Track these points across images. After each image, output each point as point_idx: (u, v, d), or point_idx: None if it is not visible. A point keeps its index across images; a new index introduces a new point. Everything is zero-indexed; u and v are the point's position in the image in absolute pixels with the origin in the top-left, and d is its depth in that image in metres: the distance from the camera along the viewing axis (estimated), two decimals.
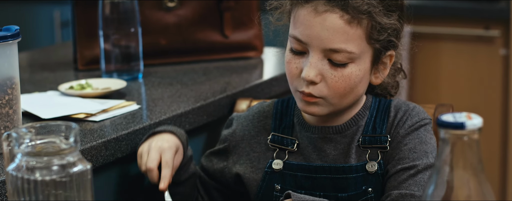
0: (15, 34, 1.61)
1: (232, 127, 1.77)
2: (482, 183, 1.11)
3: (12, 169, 1.20)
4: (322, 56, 1.55)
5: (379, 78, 1.63)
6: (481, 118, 1.12)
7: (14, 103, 1.64)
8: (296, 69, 1.58)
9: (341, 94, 1.57)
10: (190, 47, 2.38)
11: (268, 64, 2.43)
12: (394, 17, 1.57)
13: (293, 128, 1.70)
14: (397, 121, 1.64)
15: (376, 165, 1.62)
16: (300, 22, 1.56)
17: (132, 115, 1.88)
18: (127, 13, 2.18)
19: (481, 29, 3.41)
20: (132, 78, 2.20)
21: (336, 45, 1.53)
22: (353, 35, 1.54)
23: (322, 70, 1.55)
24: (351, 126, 1.65)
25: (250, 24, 2.41)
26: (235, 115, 1.80)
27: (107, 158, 1.73)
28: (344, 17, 1.53)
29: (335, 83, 1.56)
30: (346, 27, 1.53)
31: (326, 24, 1.53)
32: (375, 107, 1.67)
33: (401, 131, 1.62)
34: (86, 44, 2.30)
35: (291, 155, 1.68)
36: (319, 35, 1.54)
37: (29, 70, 2.36)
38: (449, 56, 3.46)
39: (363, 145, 1.64)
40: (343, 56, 1.54)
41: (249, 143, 1.73)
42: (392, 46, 1.59)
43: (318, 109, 1.59)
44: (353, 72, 1.56)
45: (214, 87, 2.11)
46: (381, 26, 1.55)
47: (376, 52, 1.58)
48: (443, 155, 1.11)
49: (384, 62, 1.62)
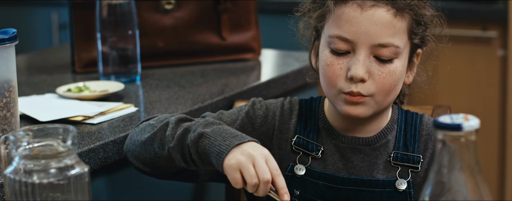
0: (13, 37, 1.61)
1: (262, 110, 1.66)
2: (479, 184, 1.11)
3: (9, 172, 1.20)
4: (369, 53, 1.54)
5: (409, 77, 1.63)
6: (478, 119, 1.12)
7: (12, 105, 1.64)
8: (340, 70, 1.55)
9: (387, 91, 1.55)
10: (187, 49, 2.38)
11: (266, 66, 2.43)
12: (430, 11, 1.59)
13: (318, 132, 1.65)
14: (432, 144, 1.62)
15: (405, 183, 1.60)
16: (344, 20, 1.54)
17: (130, 117, 1.88)
18: (124, 15, 2.18)
19: (478, 30, 3.41)
20: (130, 81, 2.20)
21: (385, 39, 1.53)
22: (399, 29, 1.54)
23: (370, 67, 1.54)
24: (381, 139, 1.63)
25: (247, 26, 2.41)
26: (259, 100, 1.69)
27: (104, 160, 1.73)
28: (391, 11, 1.53)
29: (382, 79, 1.54)
30: (394, 21, 1.53)
31: (374, 19, 1.52)
32: (403, 120, 1.65)
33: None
34: (84, 47, 2.30)
35: (314, 161, 1.64)
36: (367, 31, 1.52)
37: (26, 73, 2.36)
38: (447, 57, 3.46)
39: (395, 162, 1.62)
40: (390, 52, 1.53)
41: (276, 137, 1.66)
42: (425, 43, 1.61)
43: (364, 109, 1.56)
44: (398, 67, 1.55)
45: (212, 89, 2.11)
46: (424, 18, 1.57)
47: (413, 48, 1.59)
48: (440, 157, 1.12)
49: (413, 61, 1.62)
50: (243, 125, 1.66)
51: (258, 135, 1.65)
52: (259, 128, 1.67)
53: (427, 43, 1.62)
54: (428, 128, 1.64)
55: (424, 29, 1.59)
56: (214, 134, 1.51)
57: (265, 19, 2.79)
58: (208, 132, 1.52)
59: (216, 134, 1.51)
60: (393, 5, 1.53)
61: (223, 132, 1.52)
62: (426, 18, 1.58)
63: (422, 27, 1.58)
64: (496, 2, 3.45)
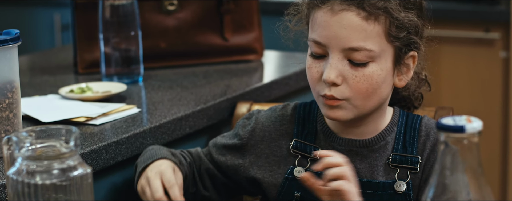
0: (15, 38, 1.61)
1: (251, 125, 1.72)
2: (482, 186, 1.11)
3: (12, 173, 1.21)
4: (342, 57, 1.53)
5: (402, 80, 1.60)
6: (481, 121, 1.12)
7: (15, 106, 1.64)
8: (317, 73, 1.56)
9: (364, 95, 1.55)
10: (190, 51, 2.38)
11: (269, 68, 2.43)
12: (412, 14, 1.56)
13: (316, 135, 1.66)
14: (430, 144, 1.62)
15: (404, 185, 1.60)
16: (318, 24, 1.55)
17: (133, 118, 1.88)
18: (127, 16, 2.18)
19: (481, 32, 3.41)
20: (132, 82, 2.20)
21: (355, 43, 1.52)
22: (372, 33, 1.53)
23: (342, 71, 1.53)
24: (379, 141, 1.62)
25: (250, 27, 2.41)
26: (255, 111, 1.75)
27: (107, 161, 1.73)
28: (361, 15, 1.52)
29: (356, 83, 1.54)
30: (364, 25, 1.52)
31: (343, 23, 1.52)
32: (403, 122, 1.65)
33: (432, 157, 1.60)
34: (86, 48, 2.30)
35: (313, 163, 1.63)
36: (337, 35, 1.53)
37: (29, 74, 2.37)
38: (449, 59, 3.46)
39: (394, 164, 1.61)
40: (363, 55, 1.53)
41: (269, 146, 1.69)
42: (413, 46, 1.58)
43: (342, 112, 1.56)
44: (375, 71, 1.54)
45: (214, 91, 2.11)
46: (399, 22, 1.54)
47: (397, 51, 1.56)
48: (443, 158, 1.12)
49: (407, 63, 1.60)
50: (235, 143, 1.73)
51: (249, 148, 1.71)
52: (247, 142, 1.71)
53: (418, 46, 1.59)
54: (427, 129, 1.63)
55: (407, 32, 1.56)
56: (139, 163, 1.71)
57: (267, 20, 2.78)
58: (136, 162, 1.72)
59: (138, 163, 1.71)
60: (364, 8, 1.52)
61: (142, 158, 1.71)
62: (404, 21, 1.54)
63: (404, 31, 1.55)
64: (499, 3, 3.45)
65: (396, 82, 1.60)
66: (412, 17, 1.56)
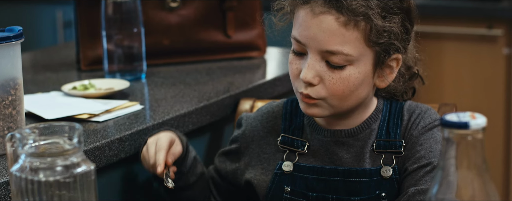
0: (18, 35, 1.61)
1: (242, 128, 1.76)
2: (486, 182, 1.11)
3: (15, 170, 1.20)
4: (320, 58, 1.55)
5: (384, 81, 1.61)
6: (485, 117, 1.11)
7: (18, 103, 1.64)
8: (296, 70, 1.58)
9: (340, 96, 1.56)
10: (193, 47, 2.38)
11: (271, 64, 2.42)
12: (395, 20, 1.55)
13: (303, 129, 1.69)
14: (410, 124, 1.63)
15: (390, 170, 1.61)
16: (299, 23, 1.56)
17: (136, 115, 1.88)
18: (130, 13, 2.18)
19: (484, 28, 3.41)
20: (135, 79, 2.20)
21: (333, 47, 1.53)
22: (350, 38, 1.53)
23: (320, 72, 1.55)
24: (364, 129, 1.64)
25: (253, 24, 2.41)
26: (244, 115, 1.79)
27: (110, 158, 1.73)
28: (340, 19, 1.52)
29: (333, 85, 1.55)
30: (342, 30, 1.53)
31: (322, 26, 1.53)
32: (387, 110, 1.66)
33: (414, 133, 1.61)
34: (89, 45, 2.30)
35: (301, 157, 1.66)
36: (315, 37, 1.54)
37: (32, 71, 2.36)
38: (452, 56, 3.46)
39: (378, 150, 1.63)
40: (340, 59, 1.53)
41: (259, 144, 1.72)
42: (395, 50, 1.57)
43: (318, 110, 1.59)
44: (352, 75, 1.55)
45: (217, 87, 2.11)
46: (379, 28, 1.53)
47: (378, 55, 1.56)
48: (447, 155, 1.11)
49: (390, 65, 1.60)
50: (230, 149, 1.78)
51: (243, 151, 1.75)
52: (241, 145, 1.75)
53: (400, 50, 1.58)
54: (409, 112, 1.65)
55: (388, 38, 1.55)
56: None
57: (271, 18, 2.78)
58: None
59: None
60: (343, 13, 1.52)
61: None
62: (384, 28, 1.53)
63: (385, 37, 1.54)
64: (502, 0, 3.44)
65: (377, 83, 1.61)
66: (392, 24, 1.55)
